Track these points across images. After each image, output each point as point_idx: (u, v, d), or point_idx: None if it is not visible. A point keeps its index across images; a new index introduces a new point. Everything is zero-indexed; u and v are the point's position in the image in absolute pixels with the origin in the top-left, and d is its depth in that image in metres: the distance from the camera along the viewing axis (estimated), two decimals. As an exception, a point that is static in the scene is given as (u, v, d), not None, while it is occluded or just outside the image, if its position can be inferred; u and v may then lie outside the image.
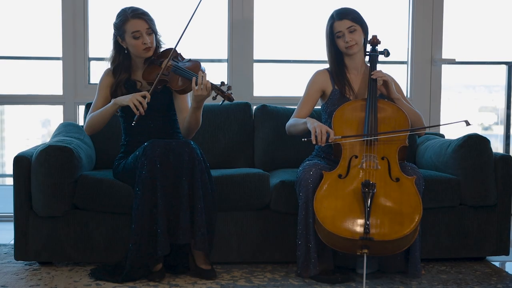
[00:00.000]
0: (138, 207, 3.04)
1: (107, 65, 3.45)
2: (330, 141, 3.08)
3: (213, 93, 3.12)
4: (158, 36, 3.38)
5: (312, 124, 3.12)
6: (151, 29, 3.31)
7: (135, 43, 3.29)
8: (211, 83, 3.11)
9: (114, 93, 3.36)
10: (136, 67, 3.40)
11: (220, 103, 3.19)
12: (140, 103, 3.13)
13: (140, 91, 3.32)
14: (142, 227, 3.03)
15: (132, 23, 3.28)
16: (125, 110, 3.32)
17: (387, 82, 3.27)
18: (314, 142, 3.07)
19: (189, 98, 3.37)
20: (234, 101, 3.14)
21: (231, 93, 3.10)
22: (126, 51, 3.37)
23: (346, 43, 3.31)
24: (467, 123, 3.08)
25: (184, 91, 3.22)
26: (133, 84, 3.37)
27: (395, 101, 3.30)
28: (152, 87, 3.20)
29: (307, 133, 3.16)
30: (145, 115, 3.22)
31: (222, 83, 3.12)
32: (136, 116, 3.14)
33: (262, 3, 4.45)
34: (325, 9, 3.42)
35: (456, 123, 3.13)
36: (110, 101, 3.35)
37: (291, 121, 3.38)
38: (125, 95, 3.28)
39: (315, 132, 3.07)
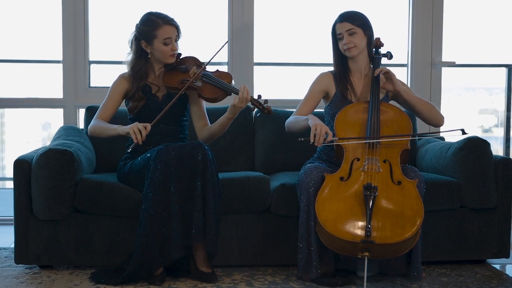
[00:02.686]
0: (148, 209, 3.04)
1: (118, 68, 3.49)
2: (326, 142, 3.08)
3: (250, 104, 3.28)
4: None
5: (314, 122, 3.12)
6: (178, 37, 3.39)
7: (164, 49, 3.33)
8: (251, 97, 3.24)
9: (131, 98, 3.40)
10: (152, 71, 3.44)
11: (258, 115, 3.40)
12: (140, 131, 3.16)
13: (155, 95, 3.39)
14: (150, 229, 3.03)
15: (165, 29, 3.32)
16: (140, 115, 3.36)
17: (389, 73, 3.26)
18: (311, 141, 3.07)
19: (204, 106, 3.48)
20: (271, 114, 3.29)
21: (270, 106, 3.25)
22: (146, 57, 3.40)
23: (344, 45, 3.32)
24: (463, 132, 3.10)
25: (216, 100, 3.31)
26: (148, 89, 3.40)
27: (402, 94, 3.29)
28: (182, 90, 3.27)
29: (307, 131, 3.16)
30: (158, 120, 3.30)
31: (259, 96, 3.26)
32: (133, 144, 3.19)
33: (263, 6, 4.46)
34: (326, 12, 3.44)
35: (453, 131, 3.14)
36: (118, 106, 3.45)
37: (291, 118, 3.38)
38: (142, 98, 3.37)
39: (315, 130, 3.07)
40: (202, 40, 4.33)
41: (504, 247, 3.46)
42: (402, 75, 4.56)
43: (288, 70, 4.64)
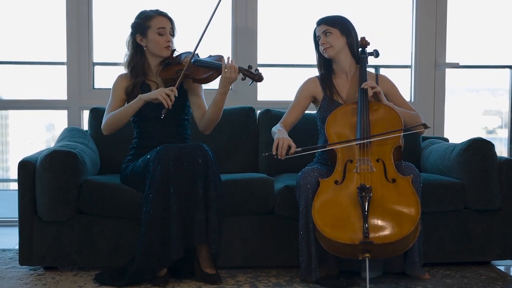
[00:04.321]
0: (149, 210, 3.05)
1: (121, 70, 3.48)
2: (290, 154, 3.09)
3: (241, 75, 3.25)
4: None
5: (277, 136, 3.15)
6: (173, 31, 3.40)
7: (158, 39, 3.34)
8: (238, 66, 3.21)
9: (130, 95, 3.39)
10: (150, 70, 3.44)
11: (250, 84, 3.31)
12: (168, 95, 3.18)
13: None
14: (152, 230, 3.03)
15: (158, 19, 3.36)
16: (139, 113, 3.35)
17: (377, 93, 3.27)
18: (274, 153, 3.09)
19: (203, 96, 3.44)
20: (262, 80, 3.25)
21: (261, 73, 3.22)
22: (142, 51, 3.40)
23: (321, 46, 3.36)
24: (425, 126, 3.14)
25: (208, 79, 3.30)
26: (147, 88, 3.40)
27: None
28: (179, 80, 3.26)
29: None
30: (159, 119, 3.30)
31: (250, 66, 3.24)
32: (164, 109, 3.20)
33: (266, 8, 4.46)
34: (328, 14, 3.44)
35: (416, 127, 3.20)
36: (125, 103, 3.41)
37: (273, 128, 3.38)
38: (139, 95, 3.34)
39: (277, 144, 3.10)
40: (206, 42, 4.33)
41: (509, 249, 3.46)
42: (405, 76, 4.56)
43: (291, 72, 4.65)
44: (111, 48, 4.44)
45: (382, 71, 3.42)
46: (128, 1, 4.46)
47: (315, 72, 3.56)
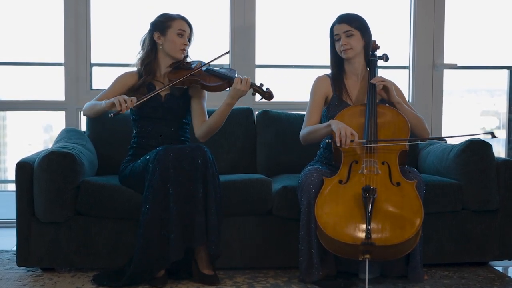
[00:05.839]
0: (148, 211, 3.05)
1: (118, 71, 3.49)
2: (354, 145, 3.06)
3: (251, 90, 3.33)
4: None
5: (337, 126, 3.08)
6: (190, 38, 3.47)
7: (176, 40, 3.40)
8: (251, 82, 3.30)
9: (135, 91, 3.40)
10: (159, 71, 3.45)
11: (259, 100, 3.36)
12: (125, 101, 3.15)
13: (158, 94, 3.39)
14: (150, 231, 3.03)
15: (180, 22, 3.43)
16: (141, 113, 3.38)
17: (387, 87, 3.27)
18: (338, 144, 3.04)
19: (206, 106, 3.47)
20: (272, 99, 3.34)
21: (271, 91, 3.30)
22: (156, 50, 3.43)
23: (341, 46, 3.32)
24: (493, 136, 3.08)
25: (216, 88, 3.34)
26: (153, 88, 3.41)
27: (396, 105, 3.30)
28: (183, 79, 3.31)
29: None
30: (160, 120, 3.35)
31: (261, 84, 3.31)
32: (115, 111, 3.17)
33: (264, 8, 4.46)
34: (327, 15, 3.44)
35: (483, 135, 3.23)
36: None
37: (308, 128, 3.33)
38: (144, 94, 3.35)
39: (340, 133, 3.05)
40: (204, 42, 4.33)
41: (507, 249, 3.46)
42: (403, 77, 4.56)
43: (290, 73, 4.65)
44: (109, 49, 4.44)
45: (380, 72, 3.41)
46: (126, 2, 4.46)
47: (314, 73, 3.56)
